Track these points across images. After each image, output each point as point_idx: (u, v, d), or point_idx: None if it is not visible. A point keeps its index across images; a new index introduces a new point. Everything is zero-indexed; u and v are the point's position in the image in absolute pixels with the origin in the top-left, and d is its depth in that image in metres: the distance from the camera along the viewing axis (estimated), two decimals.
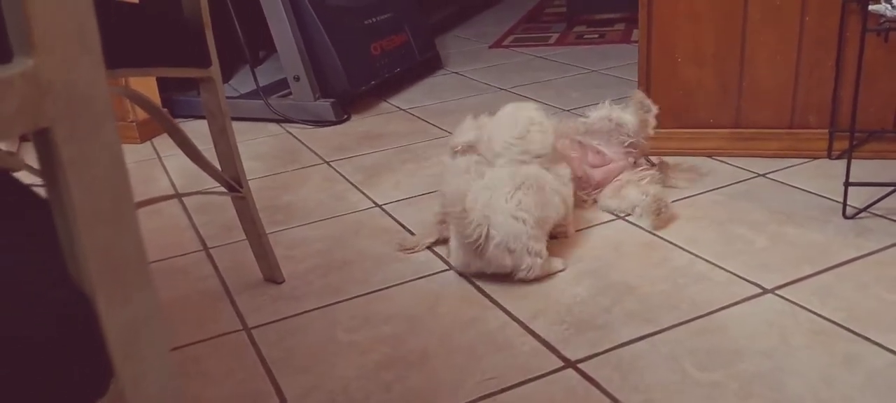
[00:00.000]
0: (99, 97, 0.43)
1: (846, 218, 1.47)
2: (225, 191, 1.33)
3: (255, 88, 2.49)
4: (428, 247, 1.50)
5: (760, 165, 1.76)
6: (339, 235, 1.61)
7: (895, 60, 1.66)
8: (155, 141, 2.41)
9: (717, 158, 1.83)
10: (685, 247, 1.42)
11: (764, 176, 1.71)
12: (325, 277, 1.43)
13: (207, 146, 1.31)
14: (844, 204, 1.47)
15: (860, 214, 1.47)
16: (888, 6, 1.49)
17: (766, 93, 1.77)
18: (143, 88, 2.28)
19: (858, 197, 1.50)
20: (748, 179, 1.70)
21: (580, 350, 1.13)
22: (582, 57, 3.08)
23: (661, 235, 1.48)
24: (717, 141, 1.84)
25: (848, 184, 1.45)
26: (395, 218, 1.68)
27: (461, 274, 1.39)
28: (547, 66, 3.01)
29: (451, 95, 2.69)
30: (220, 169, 1.33)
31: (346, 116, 2.48)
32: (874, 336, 1.10)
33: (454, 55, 3.35)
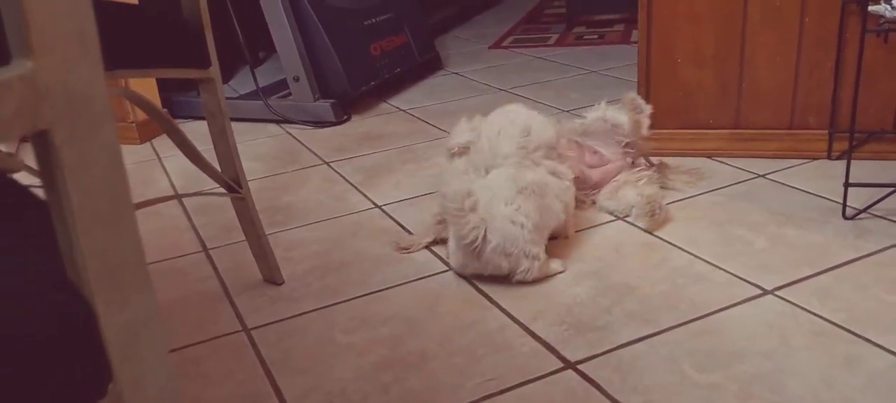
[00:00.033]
0: (98, 98, 0.43)
1: (846, 218, 1.47)
2: (224, 192, 1.33)
3: (254, 89, 2.49)
4: (426, 247, 1.50)
5: (760, 166, 1.76)
6: (338, 236, 1.61)
7: (895, 61, 1.66)
8: (154, 142, 2.41)
9: (716, 159, 1.83)
10: (685, 248, 1.42)
11: (763, 176, 1.71)
12: (323, 278, 1.43)
13: (207, 147, 1.31)
14: (844, 204, 1.47)
15: (860, 215, 1.47)
16: (888, 7, 1.49)
17: (765, 94, 1.77)
18: (142, 89, 2.29)
19: (858, 197, 1.50)
20: (748, 180, 1.70)
21: (580, 351, 1.13)
22: (581, 58, 3.08)
23: (660, 236, 1.48)
24: (716, 141, 1.84)
25: (848, 185, 1.45)
26: (394, 218, 1.67)
27: (459, 274, 1.39)
28: (546, 66, 3.01)
29: (450, 96, 2.69)
30: (219, 170, 1.33)
31: (345, 117, 2.48)
32: (874, 338, 1.10)
33: (454, 56, 3.35)
